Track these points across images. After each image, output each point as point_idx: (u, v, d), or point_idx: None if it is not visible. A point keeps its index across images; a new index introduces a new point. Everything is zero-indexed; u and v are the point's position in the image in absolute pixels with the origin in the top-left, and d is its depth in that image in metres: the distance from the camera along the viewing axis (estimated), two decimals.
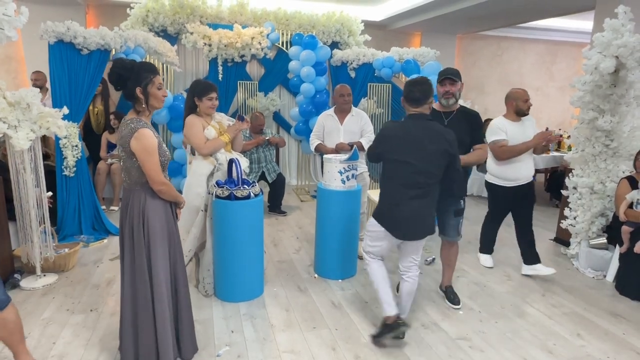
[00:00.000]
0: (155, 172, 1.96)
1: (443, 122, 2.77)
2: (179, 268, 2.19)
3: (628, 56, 3.13)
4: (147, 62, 2.04)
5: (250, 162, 4.94)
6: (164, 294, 2.06)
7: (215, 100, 2.95)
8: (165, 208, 2.10)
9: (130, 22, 5.63)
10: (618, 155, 3.63)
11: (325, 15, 6.41)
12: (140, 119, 1.98)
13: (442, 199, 2.72)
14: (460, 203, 2.84)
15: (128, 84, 1.93)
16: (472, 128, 2.79)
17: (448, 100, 2.77)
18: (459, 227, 2.90)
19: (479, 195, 6.25)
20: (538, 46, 8.89)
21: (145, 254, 2.03)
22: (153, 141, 1.94)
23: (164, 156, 2.03)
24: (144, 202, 2.01)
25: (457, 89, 2.77)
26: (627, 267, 3.27)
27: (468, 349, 2.50)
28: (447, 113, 2.82)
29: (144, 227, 2.01)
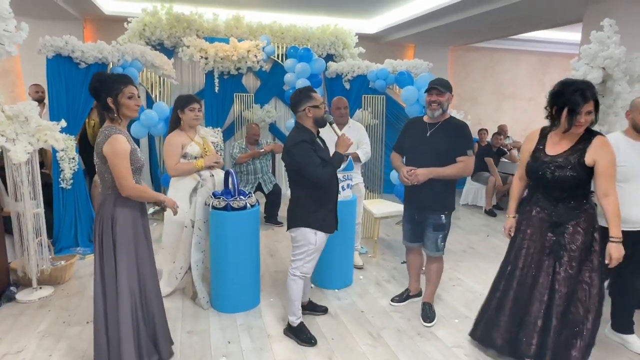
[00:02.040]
0: (124, 177, 2.02)
1: (426, 133, 2.71)
2: (148, 275, 2.20)
3: (614, 67, 3.22)
4: (121, 74, 2.12)
5: (246, 173, 4.99)
6: (126, 304, 2.08)
7: (198, 112, 2.98)
8: (135, 216, 2.13)
9: (128, 36, 5.71)
10: None
11: (320, 29, 6.52)
12: (114, 126, 2.06)
13: (421, 211, 2.77)
14: (440, 218, 2.72)
15: (101, 95, 2.03)
16: (456, 139, 2.65)
17: (433, 111, 2.66)
18: (439, 242, 2.78)
19: (473, 205, 6.30)
20: (530, 58, 9.05)
21: (113, 261, 2.06)
22: (125, 147, 2.01)
23: (137, 163, 2.10)
24: (112, 208, 2.07)
25: (445, 100, 2.66)
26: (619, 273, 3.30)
27: (464, 357, 2.52)
28: (432, 124, 2.73)
29: (112, 233, 2.06)
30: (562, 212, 2.20)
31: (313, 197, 2.51)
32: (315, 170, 2.39)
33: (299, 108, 2.50)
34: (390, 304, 3.08)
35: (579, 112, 2.04)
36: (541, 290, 2.23)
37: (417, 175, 2.59)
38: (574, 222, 2.17)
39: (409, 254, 3.07)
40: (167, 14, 5.83)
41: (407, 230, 2.93)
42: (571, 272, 2.16)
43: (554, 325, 2.18)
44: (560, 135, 2.19)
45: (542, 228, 2.25)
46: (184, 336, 2.67)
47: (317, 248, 2.57)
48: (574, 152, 2.14)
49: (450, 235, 4.81)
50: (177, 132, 3.00)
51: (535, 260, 2.27)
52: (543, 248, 2.24)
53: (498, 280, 2.46)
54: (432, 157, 2.64)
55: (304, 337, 2.62)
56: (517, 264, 2.34)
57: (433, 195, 2.68)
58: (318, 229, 2.53)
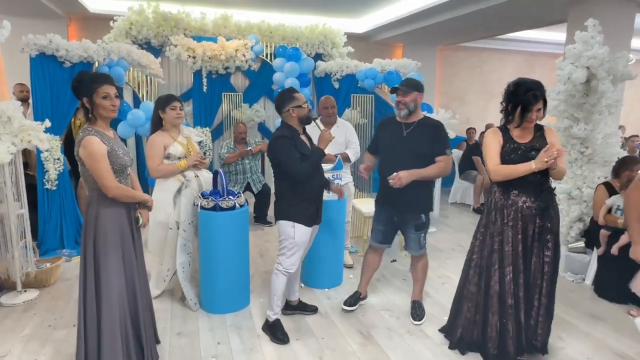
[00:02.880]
0: (106, 178, 1.99)
1: (402, 133, 2.71)
2: (137, 278, 2.18)
3: (598, 67, 3.27)
4: (100, 74, 2.09)
5: (235, 173, 4.96)
6: (113, 305, 2.04)
7: (180, 110, 2.96)
8: (121, 217, 2.10)
9: (114, 35, 5.64)
10: (593, 162, 3.76)
11: (309, 28, 6.51)
12: (91, 127, 2.02)
13: (401, 212, 2.77)
14: (420, 217, 2.74)
15: (79, 94, 2.01)
16: (434, 139, 2.66)
17: (400, 111, 2.69)
18: (421, 241, 2.81)
19: (462, 203, 6.36)
20: (516, 57, 9.17)
21: (95, 263, 2.03)
22: (99, 147, 1.97)
23: (118, 163, 2.05)
24: (97, 211, 2.04)
25: (411, 100, 2.65)
26: (604, 270, 3.37)
27: (452, 354, 2.53)
28: (408, 124, 2.72)
29: (95, 235, 2.03)
30: (546, 197, 2.33)
31: (293, 191, 2.55)
32: (294, 165, 2.46)
33: (283, 109, 2.57)
34: (343, 307, 3.01)
35: (530, 110, 2.23)
36: (535, 274, 2.33)
37: (400, 178, 2.57)
38: (553, 204, 2.35)
39: (370, 254, 3.03)
40: (153, 12, 5.77)
41: (380, 232, 2.90)
42: (554, 254, 2.33)
43: (543, 303, 2.34)
44: (518, 130, 2.34)
45: (530, 216, 2.31)
46: (173, 338, 2.65)
47: (297, 242, 2.58)
48: (538, 139, 2.34)
49: (439, 234, 4.90)
50: (159, 133, 2.96)
51: (529, 248, 2.33)
52: (533, 235, 2.33)
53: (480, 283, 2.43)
54: (410, 158, 2.63)
55: (278, 334, 2.64)
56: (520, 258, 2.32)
57: (413, 196, 2.68)
58: (296, 221, 2.55)
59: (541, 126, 2.39)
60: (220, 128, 6.37)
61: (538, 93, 2.22)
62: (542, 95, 2.25)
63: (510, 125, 2.37)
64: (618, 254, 3.15)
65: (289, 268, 2.62)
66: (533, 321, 2.35)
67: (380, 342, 2.66)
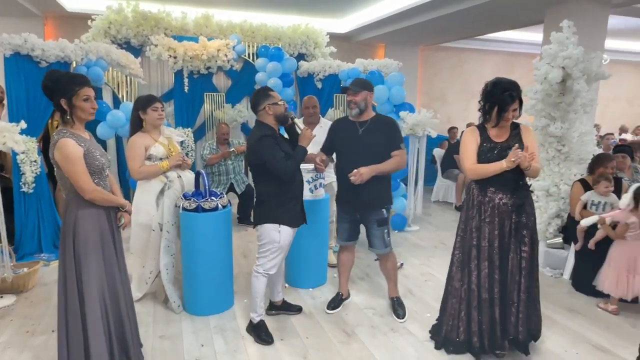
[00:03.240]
0: (83, 181, 1.95)
1: (358, 132, 2.74)
2: (119, 280, 2.14)
3: (573, 67, 3.36)
4: (78, 74, 2.05)
5: (218, 174, 4.93)
6: (96, 309, 2.02)
7: (161, 111, 2.92)
8: (100, 218, 2.06)
9: (92, 34, 5.53)
10: (569, 160, 3.85)
11: (291, 28, 6.51)
12: (66, 129, 1.98)
13: (362, 209, 2.79)
14: (382, 212, 2.77)
15: (54, 95, 1.96)
16: (389, 135, 2.73)
17: (352, 110, 2.74)
18: (385, 237, 2.81)
19: (444, 201, 6.44)
20: (496, 57, 9.33)
21: (75, 266, 2.00)
22: (75, 150, 1.94)
23: (95, 165, 2.01)
24: (75, 213, 2.00)
25: (362, 99, 2.70)
26: (581, 265, 3.46)
27: (435, 351, 2.57)
28: (362, 123, 2.76)
29: (74, 239, 1.99)
30: (522, 193, 2.39)
31: (278, 192, 2.54)
32: (280, 164, 2.45)
33: (258, 107, 2.56)
34: (326, 311, 3.01)
35: (506, 110, 2.30)
36: (513, 270, 2.37)
37: (361, 174, 2.59)
38: (529, 200, 2.41)
39: (343, 253, 3.04)
40: (133, 11, 5.68)
41: (345, 230, 2.91)
42: (531, 249, 2.38)
43: (522, 299, 2.37)
44: (495, 128, 2.40)
45: (507, 212, 2.38)
46: (156, 341, 2.62)
47: (282, 245, 2.58)
48: (514, 137, 2.40)
49: (422, 232, 4.96)
50: (139, 134, 2.91)
51: (506, 245, 2.39)
52: (510, 231, 2.38)
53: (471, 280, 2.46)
54: (367, 155, 2.67)
55: (262, 335, 2.64)
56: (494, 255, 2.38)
57: (374, 192, 2.71)
58: (283, 223, 2.55)
59: (517, 124, 2.45)
60: (202, 129, 6.32)
61: (514, 93, 2.29)
62: (518, 96, 2.32)
63: (488, 125, 2.43)
64: (594, 248, 3.25)
65: (269, 270, 2.62)
66: (514, 318, 2.38)
67: (364, 340, 2.68)
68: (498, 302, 2.38)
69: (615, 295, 2.99)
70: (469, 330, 2.45)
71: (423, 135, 4.71)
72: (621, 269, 2.97)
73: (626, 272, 2.96)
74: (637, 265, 2.94)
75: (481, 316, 2.40)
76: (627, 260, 2.96)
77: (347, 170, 2.65)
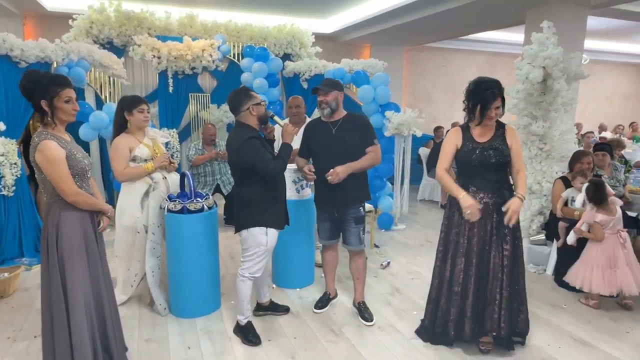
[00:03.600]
0: (64, 183, 1.92)
1: (331, 131, 2.75)
2: (102, 284, 2.11)
3: (553, 67, 3.43)
4: (59, 75, 2.01)
5: (204, 175, 4.89)
6: (81, 313, 1.98)
7: (147, 113, 2.88)
8: (84, 221, 2.03)
9: (73, 34, 5.43)
10: (551, 158, 3.93)
11: (277, 28, 6.49)
12: (47, 131, 1.95)
13: (340, 207, 2.80)
14: (360, 210, 2.79)
15: (34, 96, 1.92)
16: (362, 132, 2.75)
17: (323, 110, 2.74)
18: (361, 235, 2.82)
19: (430, 200, 6.50)
20: (479, 57, 9.45)
21: (60, 271, 1.96)
22: (57, 152, 1.91)
23: (77, 167, 1.98)
24: (58, 216, 1.96)
25: (332, 99, 2.71)
26: (563, 261, 3.52)
27: (422, 348, 2.60)
28: (334, 122, 2.76)
29: (57, 243, 1.95)
30: (504, 194, 2.42)
31: (264, 195, 2.53)
32: (268, 165, 2.44)
33: (241, 108, 2.52)
34: (314, 311, 3.02)
35: (489, 108, 2.34)
36: (495, 268, 2.42)
37: (338, 173, 2.59)
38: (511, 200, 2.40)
39: (326, 252, 3.04)
40: (115, 11, 5.60)
41: (326, 230, 2.92)
42: (513, 248, 2.43)
43: (505, 296, 2.42)
44: (479, 127, 2.44)
45: (488, 212, 2.42)
46: (142, 344, 2.59)
47: (269, 248, 2.58)
48: (497, 138, 2.43)
49: (408, 231, 5.00)
50: (123, 135, 2.86)
51: (487, 243, 2.43)
52: (492, 229, 2.42)
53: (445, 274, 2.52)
54: (342, 153, 2.68)
55: (250, 336, 2.63)
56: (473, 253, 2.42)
57: (350, 189, 2.72)
58: (270, 226, 2.55)
59: (503, 125, 2.48)
60: (187, 129, 6.26)
61: (496, 91, 2.32)
62: (500, 93, 2.34)
63: (472, 124, 2.46)
64: (576, 245, 3.32)
65: (255, 273, 2.61)
66: (496, 315, 2.41)
67: (351, 339, 2.69)
68: (471, 296, 2.43)
69: (604, 293, 3.01)
70: (447, 320, 2.52)
71: (409, 134, 4.75)
72: (604, 266, 3.02)
73: (609, 268, 3.02)
74: (617, 260, 3.01)
75: (452, 308, 2.48)
76: (608, 257, 3.02)
77: (324, 171, 2.66)
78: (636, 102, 11.65)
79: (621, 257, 3.00)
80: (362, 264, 2.94)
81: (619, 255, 3.01)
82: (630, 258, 3.03)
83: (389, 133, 4.69)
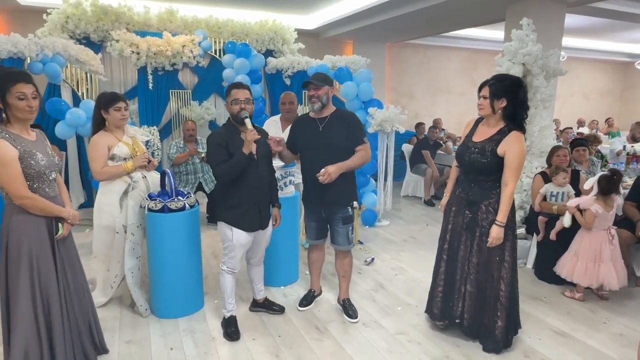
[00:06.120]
0: (13, 186, 1.82)
1: (318, 128, 2.69)
2: (56, 295, 1.97)
3: (532, 63, 3.48)
4: (14, 70, 1.92)
5: (186, 173, 4.82)
6: (21, 325, 1.86)
7: (125, 111, 2.80)
8: (38, 226, 1.91)
9: (48, 29, 5.26)
10: (531, 153, 4.00)
11: (258, 24, 6.43)
12: (2, 129, 1.85)
13: (328, 207, 2.78)
14: (348, 210, 2.75)
15: None
16: (350, 130, 2.68)
17: (313, 105, 2.68)
18: (349, 235, 2.80)
19: (413, 196, 6.55)
20: (460, 54, 9.55)
21: (3, 278, 1.87)
22: (8, 152, 1.81)
23: (34, 168, 1.88)
24: (9, 219, 1.87)
25: (323, 93, 2.66)
26: (543, 255, 3.60)
27: (406, 343, 2.61)
28: (322, 119, 2.71)
29: (7, 247, 1.86)
30: (477, 192, 2.46)
31: (230, 194, 2.52)
32: (214, 168, 2.46)
33: (225, 100, 2.59)
34: (299, 308, 3.00)
35: (479, 97, 2.42)
36: (462, 260, 2.52)
37: (330, 173, 2.51)
38: (487, 202, 2.43)
39: (312, 252, 3.02)
40: (92, 5, 5.44)
41: (314, 229, 2.88)
42: (482, 246, 2.44)
43: (469, 291, 2.50)
44: (486, 124, 2.46)
45: (462, 206, 2.52)
46: (122, 346, 2.54)
47: (237, 245, 2.56)
48: (491, 141, 2.38)
49: (392, 227, 5.02)
50: (102, 133, 2.79)
51: (457, 234, 2.54)
52: (462, 223, 2.52)
53: (437, 257, 2.70)
54: (330, 151, 2.62)
55: (229, 331, 2.64)
56: (446, 239, 2.61)
57: (339, 189, 2.68)
58: (235, 226, 2.53)
59: (511, 130, 2.33)
60: (168, 127, 6.15)
61: (489, 80, 2.40)
62: (487, 82, 2.39)
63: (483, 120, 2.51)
64: (555, 239, 3.39)
65: (234, 268, 2.62)
66: (460, 306, 2.52)
67: (336, 336, 2.69)
68: (443, 278, 2.61)
69: (583, 283, 3.09)
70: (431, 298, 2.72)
71: (391, 131, 4.76)
72: (588, 259, 3.08)
73: (593, 262, 3.07)
74: (602, 255, 3.07)
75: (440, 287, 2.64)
76: (594, 251, 3.08)
77: (311, 168, 2.61)
78: (611, 98, 11.98)
79: (607, 252, 3.05)
80: (349, 263, 2.94)
81: (605, 250, 3.06)
82: (615, 254, 3.08)
83: (372, 129, 4.69)
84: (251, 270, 2.90)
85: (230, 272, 2.63)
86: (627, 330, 2.78)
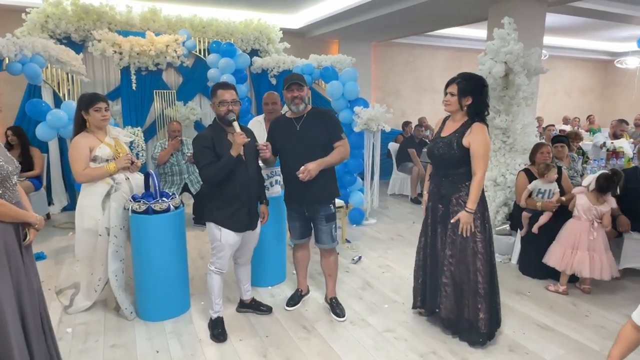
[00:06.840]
0: None
1: (295, 128, 2.69)
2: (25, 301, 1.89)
3: (514, 62, 3.53)
4: None
5: (171, 174, 4.77)
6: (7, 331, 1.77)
7: (105, 111, 2.75)
8: (6, 232, 1.82)
9: (27, 29, 5.15)
10: (514, 150, 4.05)
11: (243, 23, 6.39)
12: None
13: (310, 206, 2.78)
14: (330, 208, 2.76)
15: None
16: (327, 126, 2.69)
17: (298, 105, 2.67)
18: (333, 232, 2.80)
19: (400, 194, 6.60)
20: (445, 53, 9.63)
21: None
22: None
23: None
24: None
25: (305, 94, 2.70)
26: (527, 250, 3.66)
27: (393, 340, 2.63)
28: (298, 118, 2.71)
29: None
30: (447, 186, 2.54)
31: (218, 193, 2.52)
32: (201, 169, 2.46)
33: (211, 101, 2.58)
34: (286, 308, 3.00)
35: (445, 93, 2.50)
36: (438, 253, 2.63)
37: (309, 170, 2.52)
38: (457, 194, 2.51)
39: (298, 251, 3.01)
40: (72, 4, 5.34)
41: (297, 228, 2.88)
42: (454, 237, 2.51)
43: (444, 282, 2.58)
44: (452, 120, 2.56)
45: (435, 200, 2.61)
46: (107, 351, 2.50)
47: (225, 245, 2.55)
48: (456, 134, 2.48)
49: (379, 225, 5.05)
50: (83, 134, 2.74)
51: (433, 228, 2.63)
52: (436, 217, 2.61)
53: (417, 250, 2.81)
54: (308, 149, 2.62)
55: (216, 332, 2.63)
56: (426, 233, 2.71)
57: (320, 187, 2.68)
58: (223, 226, 2.52)
59: (475, 122, 2.43)
60: (153, 128, 6.08)
61: (455, 78, 2.48)
62: (454, 80, 2.47)
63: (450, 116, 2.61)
64: (538, 232, 3.45)
65: (222, 268, 2.62)
66: (439, 296, 2.62)
67: (323, 334, 2.69)
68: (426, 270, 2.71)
69: (559, 268, 3.19)
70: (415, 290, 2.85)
71: (377, 129, 4.79)
72: (567, 245, 3.18)
73: (571, 248, 3.16)
74: (580, 243, 3.14)
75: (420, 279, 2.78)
76: (574, 237, 3.16)
77: (291, 168, 2.62)
78: (592, 96, 12.22)
79: (585, 242, 3.12)
80: (334, 261, 2.93)
81: (583, 239, 3.13)
82: (595, 245, 3.11)
83: (358, 128, 4.71)
84: (238, 271, 2.88)
85: (218, 273, 2.62)
86: (609, 322, 2.85)
